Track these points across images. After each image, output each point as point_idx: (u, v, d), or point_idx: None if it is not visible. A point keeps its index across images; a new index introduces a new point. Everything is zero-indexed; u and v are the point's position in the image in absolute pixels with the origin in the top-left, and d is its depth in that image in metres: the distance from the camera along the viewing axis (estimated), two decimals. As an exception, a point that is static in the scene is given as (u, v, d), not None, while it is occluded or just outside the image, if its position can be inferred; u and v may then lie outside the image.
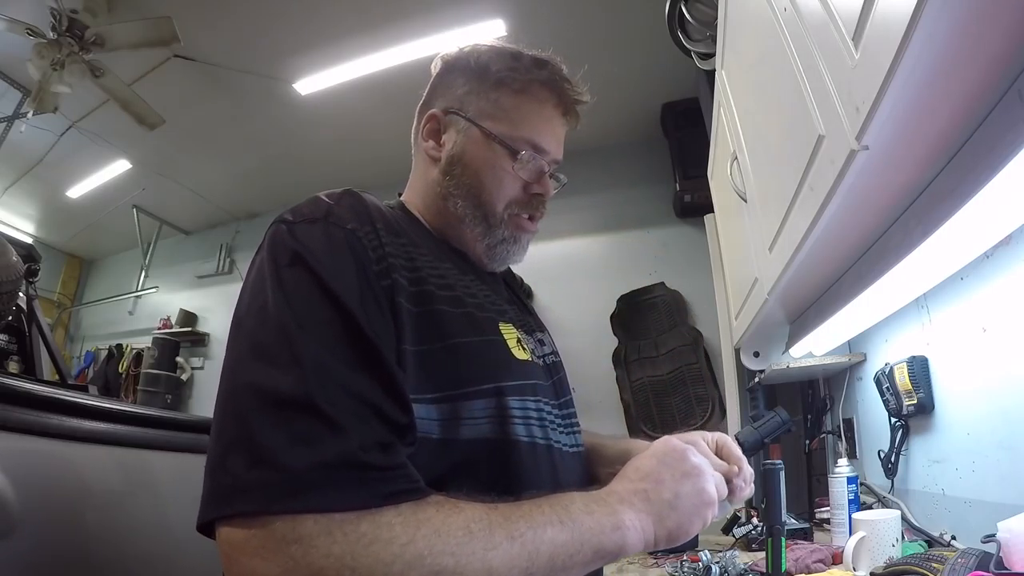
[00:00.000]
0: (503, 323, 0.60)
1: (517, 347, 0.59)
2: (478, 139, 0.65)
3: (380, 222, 0.54)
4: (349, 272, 0.48)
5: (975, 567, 0.72)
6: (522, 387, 0.56)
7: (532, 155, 0.65)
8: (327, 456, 0.38)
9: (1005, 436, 0.91)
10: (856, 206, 0.74)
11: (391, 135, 3.46)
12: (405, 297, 0.50)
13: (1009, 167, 0.53)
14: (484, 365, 0.54)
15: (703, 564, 1.15)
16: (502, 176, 0.65)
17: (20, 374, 1.88)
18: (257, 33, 2.67)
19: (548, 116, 0.67)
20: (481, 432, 0.51)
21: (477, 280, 0.64)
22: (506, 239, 0.67)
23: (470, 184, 0.65)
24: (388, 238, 0.53)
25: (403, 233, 0.57)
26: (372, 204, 0.57)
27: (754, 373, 1.84)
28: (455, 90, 0.68)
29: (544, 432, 0.58)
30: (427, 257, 0.57)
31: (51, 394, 1.07)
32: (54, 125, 3.40)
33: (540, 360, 0.65)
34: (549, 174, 0.68)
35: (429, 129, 0.69)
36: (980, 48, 0.50)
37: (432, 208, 0.69)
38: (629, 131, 3.25)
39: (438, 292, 0.54)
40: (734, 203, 1.36)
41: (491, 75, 0.66)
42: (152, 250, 4.99)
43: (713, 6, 1.64)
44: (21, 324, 2.00)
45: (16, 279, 1.53)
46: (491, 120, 0.65)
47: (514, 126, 0.65)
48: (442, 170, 0.67)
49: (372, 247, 0.51)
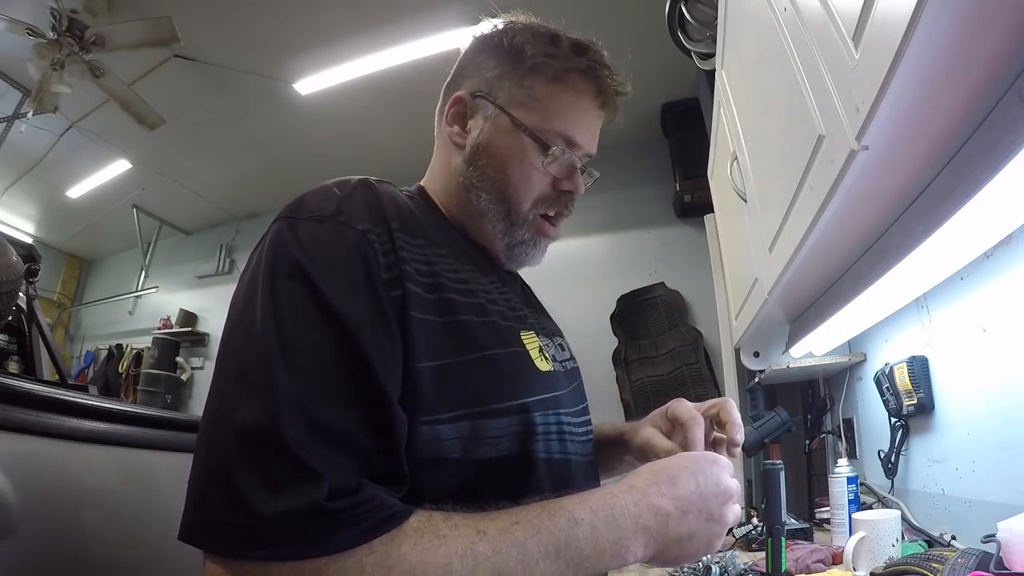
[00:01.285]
0: (524, 331, 0.56)
1: (539, 357, 0.56)
2: (507, 128, 0.60)
3: (396, 220, 0.49)
4: (356, 284, 0.44)
5: (975, 567, 0.72)
6: (545, 401, 0.53)
7: (564, 149, 0.60)
8: (295, 504, 0.36)
9: (1005, 436, 0.91)
10: (856, 206, 0.74)
11: (391, 135, 3.50)
12: (420, 308, 0.46)
13: (1009, 167, 0.53)
14: (509, 380, 0.51)
15: (703, 564, 1.15)
16: (530, 172, 0.60)
17: (20, 374, 1.88)
18: (257, 33, 2.67)
19: (585, 108, 0.62)
20: (501, 451, 0.48)
21: (498, 282, 0.61)
22: (526, 241, 0.63)
23: (495, 177, 0.61)
24: (403, 240, 0.48)
25: (420, 232, 0.52)
26: (388, 198, 0.52)
27: (754, 373, 1.84)
28: (485, 72, 0.63)
29: (562, 446, 0.55)
30: (447, 259, 0.53)
31: (51, 394, 1.07)
32: (54, 125, 3.40)
33: (561, 367, 0.61)
34: (581, 169, 0.63)
35: (455, 113, 0.64)
36: (980, 48, 0.50)
37: (453, 198, 0.64)
38: (629, 131, 3.25)
39: (460, 299, 0.50)
40: (734, 203, 1.36)
41: (526, 59, 0.60)
42: (152, 250, 4.98)
43: (713, 6, 1.64)
44: (21, 324, 2.00)
45: (16, 279, 1.53)
46: (523, 109, 0.60)
47: (547, 117, 0.60)
48: (466, 159, 0.62)
49: (384, 251, 0.46)
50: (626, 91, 0.64)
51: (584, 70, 0.61)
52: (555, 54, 0.60)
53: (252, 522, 0.36)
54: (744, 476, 1.96)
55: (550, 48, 0.60)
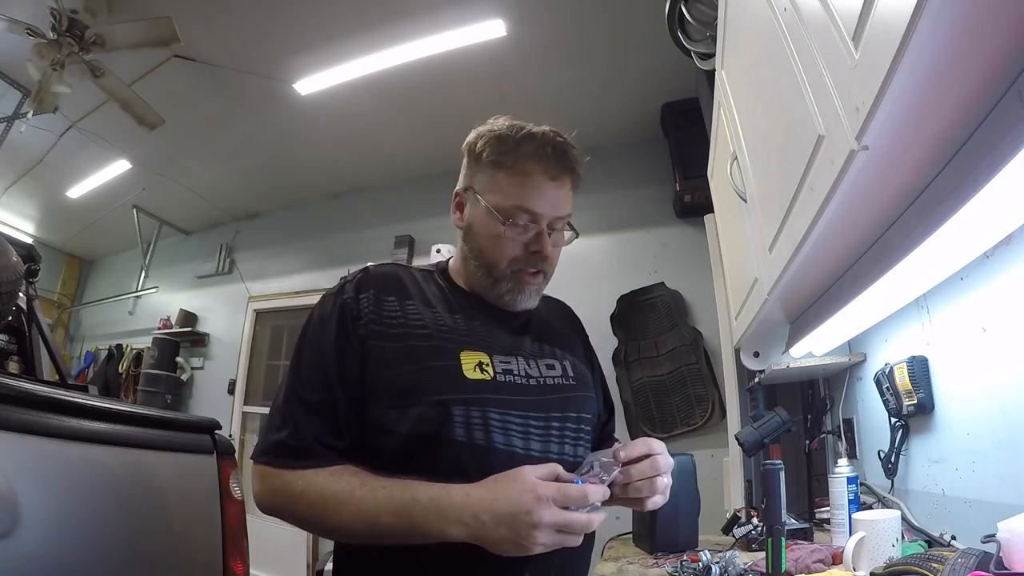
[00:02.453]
0: (468, 351, 0.75)
1: (473, 369, 0.74)
2: (482, 210, 0.80)
3: (377, 288, 0.78)
4: (330, 330, 0.74)
5: (975, 567, 0.72)
6: (468, 400, 0.71)
7: (524, 220, 0.78)
8: (279, 438, 0.70)
9: (1005, 436, 0.91)
10: (856, 206, 0.74)
11: (391, 135, 3.51)
12: (378, 338, 0.73)
13: (1009, 167, 0.53)
14: (434, 383, 0.72)
15: (703, 564, 1.15)
16: (499, 240, 0.79)
17: (20, 374, 1.88)
18: (257, 33, 2.67)
19: (537, 184, 0.78)
20: (424, 430, 0.69)
21: (467, 318, 0.80)
22: (511, 290, 0.81)
23: (479, 248, 0.81)
24: (377, 299, 0.77)
25: (396, 291, 0.79)
26: (377, 275, 0.80)
27: (754, 373, 1.84)
28: (469, 172, 0.84)
29: (505, 438, 0.71)
30: (414, 305, 0.78)
31: (51, 394, 1.07)
32: (54, 125, 3.40)
33: (523, 380, 0.77)
34: (549, 232, 0.79)
35: (455, 204, 0.86)
36: (980, 48, 0.50)
37: (461, 268, 0.87)
38: (629, 131, 3.26)
39: (414, 331, 0.75)
40: (734, 203, 1.36)
41: (486, 159, 0.80)
42: (152, 250, 4.99)
43: (713, 6, 1.64)
44: (21, 324, 2.00)
45: (16, 279, 1.53)
46: (490, 193, 0.79)
47: (507, 197, 0.78)
48: (463, 237, 0.85)
49: (354, 308, 0.76)
50: (572, 166, 0.80)
51: (530, 156, 0.77)
52: (507, 150, 0.78)
53: (262, 445, 0.72)
54: (744, 476, 1.96)
55: (502, 146, 0.79)
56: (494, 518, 0.61)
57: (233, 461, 1.45)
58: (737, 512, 1.69)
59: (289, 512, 0.69)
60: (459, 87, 2.93)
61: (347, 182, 4.05)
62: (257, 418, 4.03)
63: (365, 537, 0.67)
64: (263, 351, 4.31)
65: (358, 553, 0.74)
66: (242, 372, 4.21)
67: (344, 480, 0.67)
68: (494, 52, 2.67)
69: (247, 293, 4.41)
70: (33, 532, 0.91)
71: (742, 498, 1.91)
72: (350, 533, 0.68)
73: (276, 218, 4.50)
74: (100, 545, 1.06)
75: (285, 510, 0.69)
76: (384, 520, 0.64)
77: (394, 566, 0.69)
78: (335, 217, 4.16)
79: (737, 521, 1.57)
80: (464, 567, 0.66)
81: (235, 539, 1.37)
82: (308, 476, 0.68)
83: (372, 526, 0.64)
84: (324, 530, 0.70)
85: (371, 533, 0.65)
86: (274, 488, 0.69)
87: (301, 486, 0.67)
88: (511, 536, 0.61)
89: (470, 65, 2.76)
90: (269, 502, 0.70)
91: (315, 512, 0.67)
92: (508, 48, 2.65)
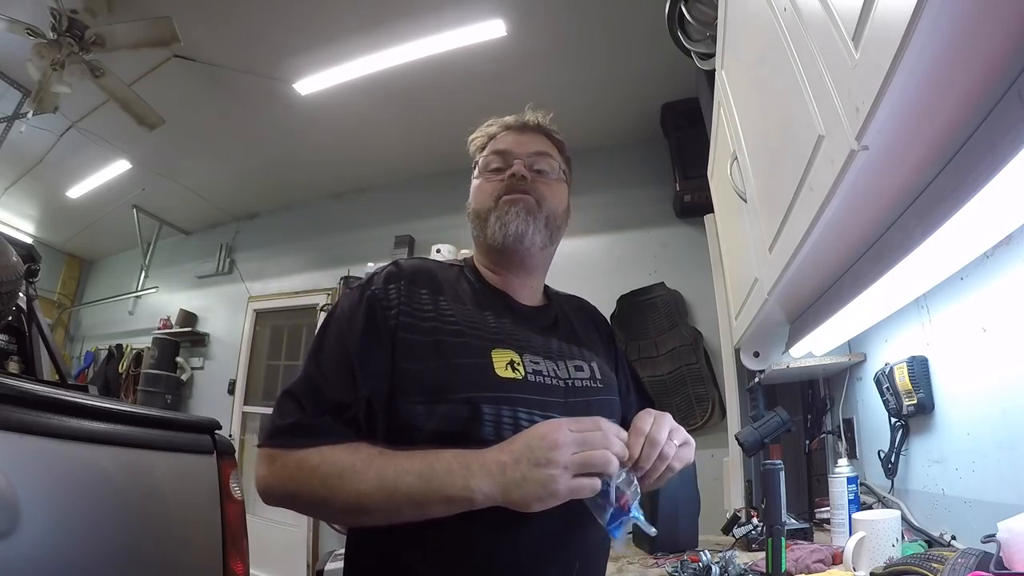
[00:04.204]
0: (499, 349, 0.76)
1: (505, 368, 0.74)
2: (473, 183, 0.90)
3: (409, 280, 0.79)
4: (361, 320, 0.73)
5: (975, 567, 0.72)
6: (499, 399, 0.71)
7: (497, 163, 0.87)
8: (294, 420, 0.68)
9: (1005, 436, 0.91)
10: (856, 206, 0.74)
11: (391, 135, 3.50)
12: (409, 331, 0.73)
13: (1009, 167, 0.53)
14: (463, 380, 0.71)
15: (703, 564, 1.15)
16: (481, 188, 0.87)
17: (20, 374, 1.88)
18: (257, 33, 2.67)
19: (502, 136, 0.90)
20: (453, 428, 0.68)
21: (504, 318, 0.82)
22: (498, 218, 0.83)
23: (474, 211, 0.87)
24: (408, 291, 0.77)
25: (427, 285, 0.80)
26: (408, 268, 0.81)
27: (754, 373, 1.84)
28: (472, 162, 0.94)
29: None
30: (444, 301, 0.79)
31: (51, 394, 1.07)
32: (54, 125, 3.40)
33: (553, 381, 0.77)
34: (518, 161, 0.86)
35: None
36: (980, 48, 0.50)
37: (477, 253, 0.91)
38: (629, 131, 3.26)
39: (445, 327, 0.75)
40: (734, 203, 1.36)
41: (472, 148, 0.94)
42: (152, 250, 4.99)
43: (713, 6, 1.64)
44: (21, 324, 2.00)
45: (16, 279, 1.53)
46: (476, 169, 0.91)
47: (483, 158, 0.90)
48: (469, 220, 0.90)
49: (384, 298, 0.76)
50: (543, 120, 0.93)
51: (495, 131, 0.92)
52: (481, 135, 0.93)
53: (272, 429, 0.69)
54: (744, 476, 1.96)
55: (478, 134, 0.94)
56: (513, 457, 0.62)
57: (233, 461, 1.45)
58: (737, 512, 1.69)
59: (305, 488, 0.65)
60: (459, 87, 2.93)
61: (347, 182, 4.05)
62: (257, 418, 4.03)
63: (382, 509, 0.63)
64: (263, 351, 4.30)
65: (375, 550, 0.72)
66: (242, 372, 4.20)
67: (362, 450, 0.65)
68: (494, 52, 2.67)
69: (247, 293, 4.40)
70: (33, 532, 0.91)
71: (742, 498, 1.91)
72: (367, 505, 0.63)
73: (276, 218, 4.50)
74: (100, 545, 1.06)
75: (297, 490, 0.66)
76: (405, 482, 0.62)
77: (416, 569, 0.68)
78: (335, 217, 4.16)
79: (737, 521, 1.57)
80: (489, 566, 0.66)
81: (235, 539, 1.37)
82: (324, 450, 0.65)
83: (392, 493, 0.62)
84: (339, 504, 0.65)
85: (389, 503, 0.62)
86: (285, 467, 0.66)
87: (317, 460, 0.65)
88: (532, 475, 0.60)
89: (470, 65, 2.76)
90: (279, 485, 0.66)
91: (330, 483, 0.63)
92: (508, 48, 2.65)
